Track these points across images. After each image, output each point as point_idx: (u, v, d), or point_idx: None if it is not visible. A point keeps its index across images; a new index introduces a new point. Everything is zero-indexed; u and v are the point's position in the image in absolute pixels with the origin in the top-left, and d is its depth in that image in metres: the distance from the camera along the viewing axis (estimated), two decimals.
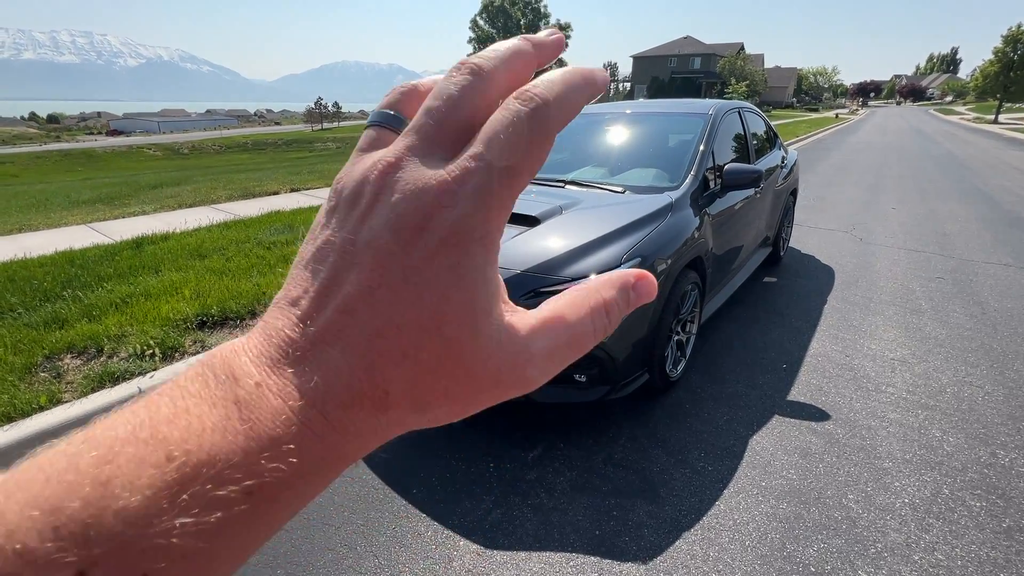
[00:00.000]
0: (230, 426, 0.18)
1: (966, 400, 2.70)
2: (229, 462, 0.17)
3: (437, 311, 0.20)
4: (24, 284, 3.68)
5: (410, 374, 0.20)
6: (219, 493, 0.17)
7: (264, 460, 0.18)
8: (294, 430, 0.18)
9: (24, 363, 2.74)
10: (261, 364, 0.19)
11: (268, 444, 0.18)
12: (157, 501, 0.16)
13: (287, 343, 0.20)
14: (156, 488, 0.16)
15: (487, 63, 0.22)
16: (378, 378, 0.19)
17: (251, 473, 0.17)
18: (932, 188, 9.22)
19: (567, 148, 3.93)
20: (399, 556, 1.80)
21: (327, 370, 0.19)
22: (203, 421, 0.18)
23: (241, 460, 0.17)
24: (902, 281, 4.47)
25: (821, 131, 25.29)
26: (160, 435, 0.17)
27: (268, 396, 0.19)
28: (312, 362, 0.19)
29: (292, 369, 0.19)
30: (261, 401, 0.18)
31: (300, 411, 0.18)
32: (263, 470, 0.17)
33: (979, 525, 1.91)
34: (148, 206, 6.83)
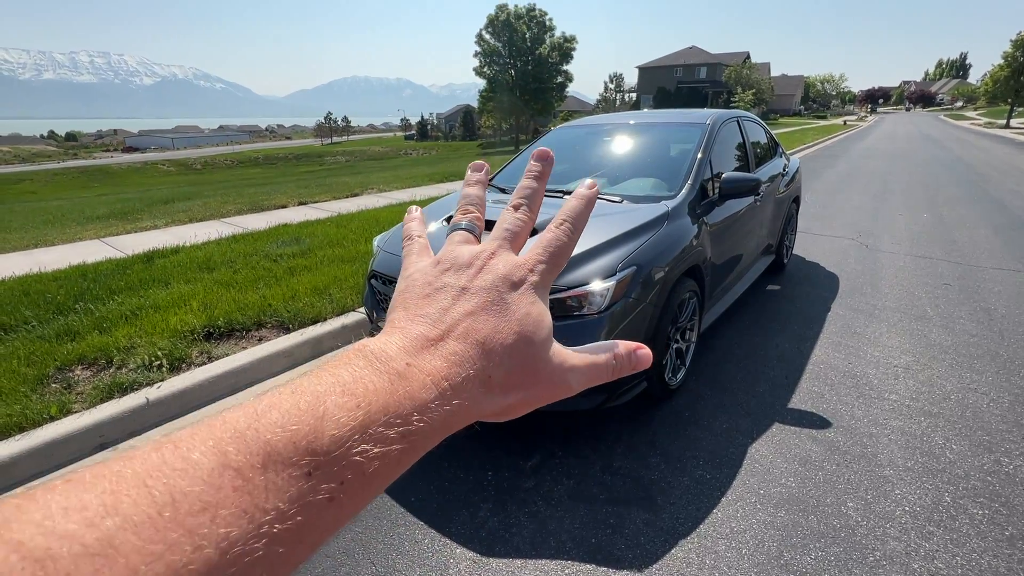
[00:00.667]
0: (394, 389, 0.26)
1: (970, 407, 2.67)
2: (396, 413, 0.25)
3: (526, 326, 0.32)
4: (38, 298, 3.78)
5: (507, 365, 0.30)
6: (388, 433, 0.24)
7: (416, 414, 0.26)
8: (433, 395, 0.27)
9: (36, 374, 2.81)
10: (408, 351, 0.28)
11: (418, 404, 0.26)
12: (352, 433, 0.23)
13: (423, 338, 0.29)
14: (352, 425, 0.24)
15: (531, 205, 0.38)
16: (487, 364, 0.29)
17: (406, 422, 0.25)
18: (941, 194, 9.14)
19: (569, 160, 3.97)
20: (396, 563, 1.82)
21: (453, 357, 0.29)
22: (376, 384, 0.26)
23: (401, 412, 0.25)
24: (908, 288, 4.43)
25: (829, 138, 25.20)
26: (349, 391, 0.25)
27: (416, 372, 0.27)
28: (443, 351, 0.29)
29: (430, 355, 0.29)
30: (412, 374, 0.27)
31: (437, 383, 0.27)
32: (413, 419, 0.26)
33: (981, 533, 1.88)
34: (160, 220, 6.98)
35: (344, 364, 0.27)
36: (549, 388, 0.32)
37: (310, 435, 0.22)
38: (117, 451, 2.39)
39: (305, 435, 0.22)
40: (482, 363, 0.29)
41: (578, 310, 2.26)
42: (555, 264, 0.35)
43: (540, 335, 0.32)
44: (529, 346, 0.31)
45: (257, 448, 0.21)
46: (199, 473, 0.20)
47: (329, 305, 3.68)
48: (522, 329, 0.31)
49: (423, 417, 0.26)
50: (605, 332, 2.24)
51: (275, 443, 0.22)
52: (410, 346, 0.29)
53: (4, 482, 2.24)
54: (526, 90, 35.52)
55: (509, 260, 0.34)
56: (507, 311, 0.31)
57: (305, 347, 3.32)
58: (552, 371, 0.32)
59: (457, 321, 0.30)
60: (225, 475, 0.20)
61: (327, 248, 5.05)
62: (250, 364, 3.05)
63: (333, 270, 4.35)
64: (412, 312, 0.31)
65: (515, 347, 0.31)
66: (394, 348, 0.28)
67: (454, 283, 0.33)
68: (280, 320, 3.48)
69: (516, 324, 0.31)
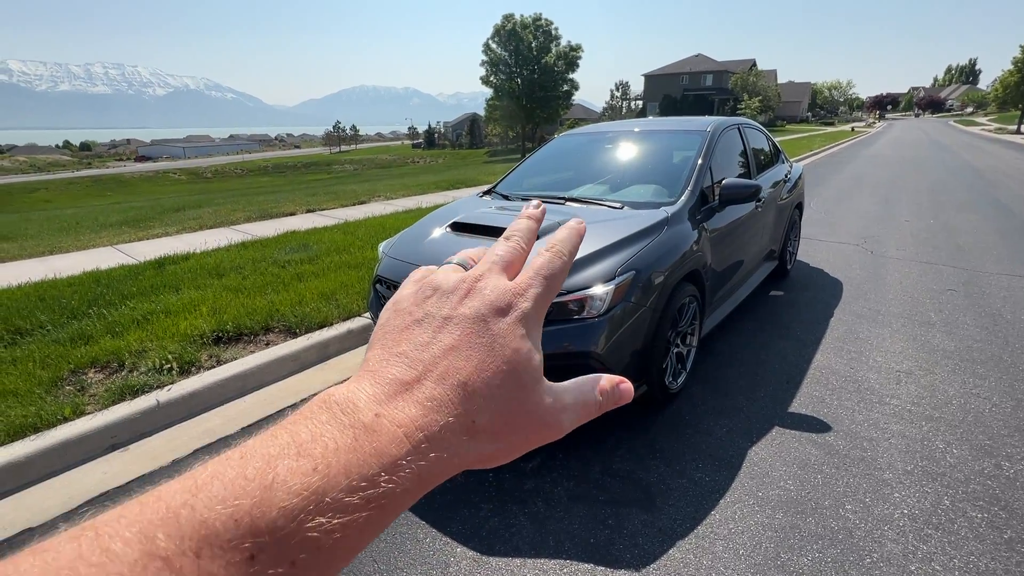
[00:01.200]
0: (358, 446, 0.23)
1: (972, 412, 2.67)
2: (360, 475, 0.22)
3: (514, 362, 0.28)
4: (53, 303, 3.87)
5: (492, 407, 0.27)
6: (350, 500, 0.21)
7: (385, 473, 0.23)
8: (405, 449, 0.24)
9: (51, 377, 2.89)
10: (377, 399, 0.25)
11: (387, 461, 0.23)
12: (305, 503, 0.20)
13: (397, 382, 0.26)
14: (306, 493, 0.21)
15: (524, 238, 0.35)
16: (470, 407, 0.26)
17: (372, 484, 0.22)
18: (948, 200, 9.10)
19: (572, 167, 4.03)
20: (397, 561, 1.85)
21: (430, 403, 0.26)
22: (337, 442, 0.23)
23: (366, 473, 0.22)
24: (912, 293, 4.43)
25: (836, 145, 25.13)
26: (306, 451, 0.22)
27: (386, 424, 0.24)
28: (419, 395, 0.26)
29: (403, 402, 0.25)
30: (381, 426, 0.24)
31: (410, 435, 0.24)
32: (380, 481, 0.23)
33: (979, 536, 1.89)
34: (171, 228, 7.11)
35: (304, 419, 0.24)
36: (540, 430, 0.29)
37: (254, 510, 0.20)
38: (128, 452, 2.43)
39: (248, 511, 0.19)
40: (464, 407, 0.26)
41: (578, 313, 2.30)
42: (549, 289, 0.32)
43: (530, 373, 0.29)
44: (518, 385, 0.28)
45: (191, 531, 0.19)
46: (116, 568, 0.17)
47: (335, 310, 3.75)
48: (511, 366, 0.28)
49: (392, 476, 0.23)
50: (604, 335, 2.28)
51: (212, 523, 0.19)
52: (381, 393, 0.26)
53: (18, 481, 2.31)
54: (532, 98, 35.77)
55: (499, 284, 0.31)
56: (494, 345, 0.28)
57: (312, 351, 3.38)
58: (544, 412, 0.29)
59: (436, 359, 0.27)
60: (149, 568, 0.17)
61: (334, 254, 5.13)
62: (258, 368, 3.11)
63: (340, 276, 4.42)
64: (388, 351, 0.28)
65: (503, 387, 0.28)
66: (363, 397, 0.25)
67: (436, 312, 0.30)
68: (287, 325, 3.55)
69: (503, 361, 0.28)
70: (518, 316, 0.30)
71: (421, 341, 0.28)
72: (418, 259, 2.72)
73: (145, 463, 2.42)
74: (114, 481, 2.30)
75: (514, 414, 0.28)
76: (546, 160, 4.18)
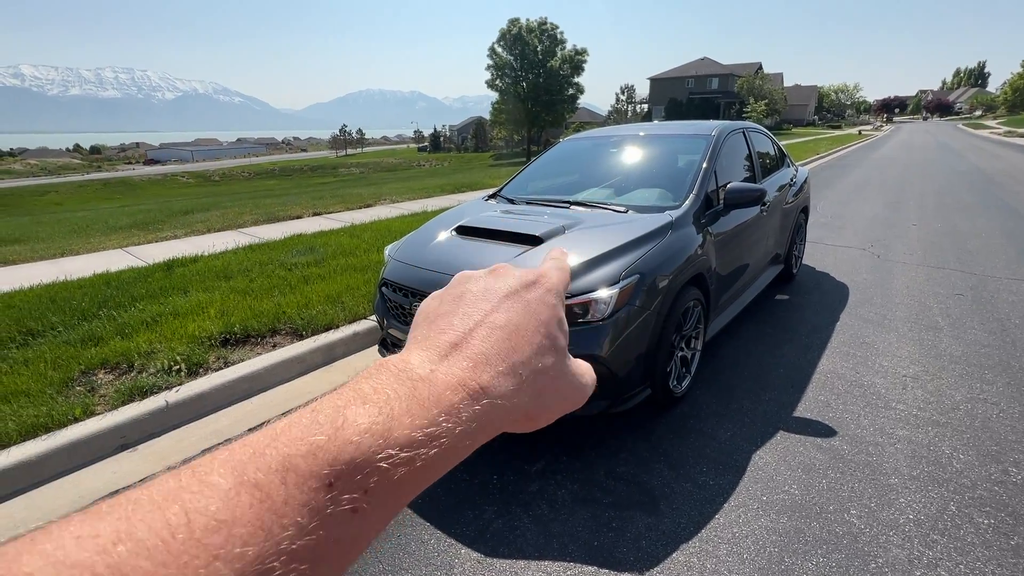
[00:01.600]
0: (417, 393, 0.25)
1: (979, 417, 2.66)
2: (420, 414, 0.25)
3: (548, 324, 0.32)
4: (64, 304, 3.93)
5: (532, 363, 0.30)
6: (415, 435, 0.24)
7: (444, 415, 0.25)
8: (460, 395, 0.26)
9: (62, 377, 2.93)
10: (430, 360, 0.28)
11: (445, 406, 0.25)
12: (375, 439, 0.23)
13: (446, 344, 0.29)
14: (375, 431, 0.23)
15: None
16: (515, 360, 0.29)
17: (433, 423, 0.25)
18: (956, 204, 9.04)
19: (577, 171, 4.05)
20: (402, 562, 1.87)
21: (479, 356, 0.28)
22: (397, 391, 0.25)
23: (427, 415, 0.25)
24: (919, 298, 4.40)
25: (843, 148, 25.01)
26: (370, 400, 0.25)
27: (440, 375, 0.27)
28: (468, 352, 0.29)
29: (453, 359, 0.28)
30: (436, 379, 0.27)
31: (464, 383, 0.27)
32: (441, 422, 0.25)
33: (986, 542, 1.88)
34: (179, 230, 7.18)
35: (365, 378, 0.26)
36: (572, 392, 0.33)
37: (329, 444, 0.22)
38: (137, 452, 2.46)
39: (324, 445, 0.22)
40: (510, 360, 0.29)
41: (582, 317, 2.31)
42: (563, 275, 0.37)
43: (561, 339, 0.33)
44: (553, 347, 0.32)
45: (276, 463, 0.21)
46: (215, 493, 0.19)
47: (342, 313, 3.77)
48: (547, 329, 0.32)
49: (451, 418, 0.25)
50: (609, 339, 2.29)
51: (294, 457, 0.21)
52: (433, 355, 0.28)
53: (29, 480, 2.34)
54: (537, 102, 35.88)
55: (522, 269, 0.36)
56: (528, 310, 0.32)
57: (318, 353, 3.40)
58: (573, 376, 0.33)
59: (478, 323, 0.30)
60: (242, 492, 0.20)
61: (340, 257, 5.16)
62: (265, 370, 3.14)
63: (346, 279, 4.45)
64: (431, 326, 0.31)
65: (541, 348, 0.31)
66: (416, 359, 0.28)
67: (473, 289, 0.33)
68: (294, 327, 3.58)
69: (539, 323, 0.32)
70: (547, 287, 0.34)
71: (463, 312, 0.31)
72: (424, 263, 2.74)
73: (154, 463, 2.45)
74: (123, 481, 2.33)
75: (551, 373, 0.31)
76: (551, 164, 4.20)
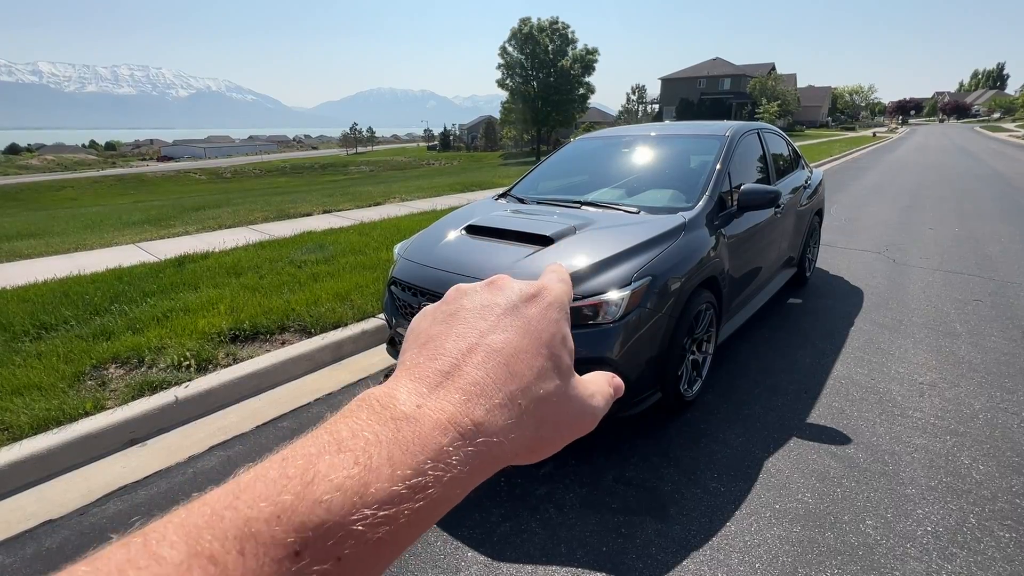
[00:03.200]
0: (401, 437, 0.22)
1: (999, 427, 2.59)
2: (403, 463, 0.21)
3: (552, 344, 0.29)
4: (77, 299, 3.96)
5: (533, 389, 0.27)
6: (396, 489, 0.21)
7: (431, 461, 0.22)
8: (451, 436, 0.23)
9: (73, 371, 2.95)
10: (418, 392, 0.25)
11: (432, 449, 0.22)
12: (350, 496, 0.20)
13: (436, 373, 0.26)
14: (349, 487, 0.20)
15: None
16: (514, 388, 0.26)
17: (418, 472, 0.21)
18: (974, 208, 8.87)
19: (588, 171, 4.01)
20: (409, 564, 1.85)
21: (474, 387, 0.25)
22: (378, 435, 0.22)
23: (411, 462, 0.21)
24: (936, 303, 4.32)
25: (857, 150, 24.69)
26: (346, 447, 0.21)
27: (429, 413, 0.23)
28: (461, 382, 0.25)
29: (445, 391, 0.25)
30: (423, 417, 0.23)
31: (455, 420, 0.23)
32: (427, 469, 0.22)
33: (1007, 557, 1.83)
34: (191, 227, 7.24)
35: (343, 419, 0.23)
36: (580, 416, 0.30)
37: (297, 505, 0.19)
38: (146, 447, 2.46)
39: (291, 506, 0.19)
40: (508, 389, 0.26)
41: (593, 319, 2.28)
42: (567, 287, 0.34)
43: (565, 358, 0.30)
44: (556, 368, 0.29)
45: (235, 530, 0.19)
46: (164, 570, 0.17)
47: (350, 311, 3.77)
48: (549, 349, 0.29)
49: (439, 464, 0.22)
50: (619, 341, 2.25)
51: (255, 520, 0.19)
52: (421, 386, 0.25)
53: (40, 473, 2.36)
54: (548, 102, 35.78)
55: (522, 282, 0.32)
56: (529, 328, 0.29)
57: (326, 351, 3.40)
58: (581, 397, 0.30)
59: (473, 346, 0.27)
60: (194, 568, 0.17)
61: (349, 255, 5.17)
62: (273, 367, 3.14)
63: (355, 277, 4.45)
64: (422, 348, 0.28)
65: (543, 370, 0.28)
66: (402, 392, 0.25)
67: (468, 305, 0.30)
68: (303, 324, 3.58)
69: (540, 343, 0.28)
70: (549, 301, 0.31)
71: (457, 332, 0.28)
72: (434, 262, 2.72)
73: (163, 458, 2.46)
74: (132, 475, 2.34)
75: (555, 398, 0.28)
76: (562, 163, 4.17)
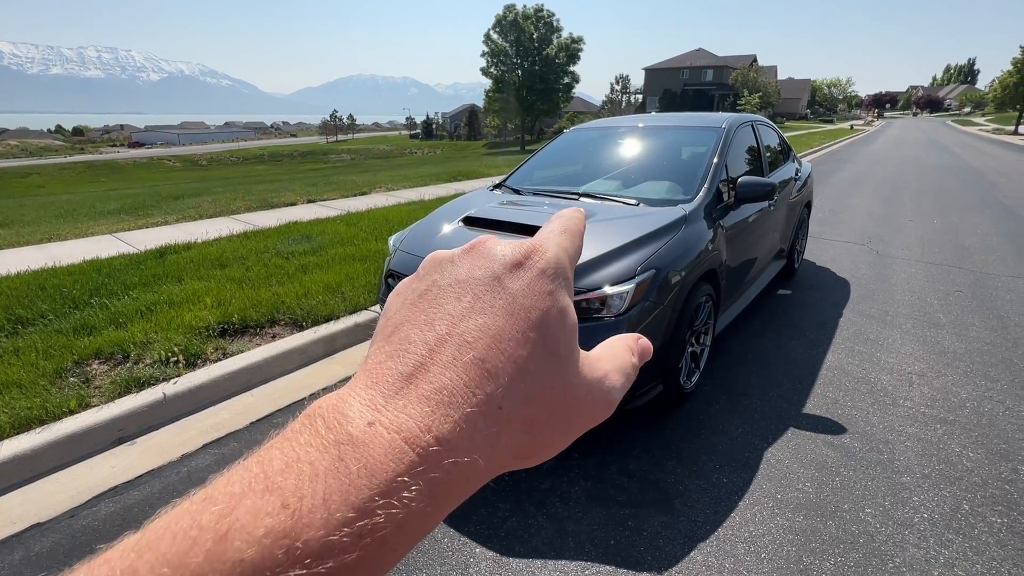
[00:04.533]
0: (343, 467, 0.17)
1: (986, 415, 2.67)
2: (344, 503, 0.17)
3: (543, 325, 0.22)
4: (54, 292, 3.80)
5: (521, 386, 0.21)
6: (331, 539, 0.16)
7: (380, 497, 0.17)
8: (408, 461, 0.18)
9: (54, 368, 2.83)
10: (373, 404, 0.20)
11: (383, 481, 0.17)
12: (273, 552, 0.16)
13: (397, 376, 0.20)
14: (272, 538, 0.16)
15: None
16: (491, 389, 0.20)
17: (364, 514, 0.17)
18: (951, 200, 9.11)
19: (583, 161, 3.98)
20: (416, 561, 1.83)
21: (440, 394, 0.20)
22: (315, 467, 0.17)
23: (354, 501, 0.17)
24: (919, 294, 4.42)
25: (836, 143, 25.13)
26: (275, 485, 0.17)
27: (381, 432, 0.18)
28: (423, 388, 0.20)
29: (404, 400, 0.20)
30: (375, 439, 0.18)
31: (414, 441, 0.18)
32: (376, 508, 0.17)
33: (1000, 542, 1.88)
34: (170, 216, 7.01)
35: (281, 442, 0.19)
36: (588, 408, 0.24)
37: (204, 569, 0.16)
38: (135, 446, 2.38)
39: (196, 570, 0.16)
40: (484, 392, 0.20)
41: (596, 313, 2.27)
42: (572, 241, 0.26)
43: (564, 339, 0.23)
44: (551, 355, 0.22)
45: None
46: None
47: (342, 303, 3.70)
48: (539, 332, 0.22)
49: (392, 500, 0.17)
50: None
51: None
52: (377, 395, 0.20)
53: (25, 474, 2.26)
54: (532, 90, 35.54)
55: (511, 243, 0.25)
56: (513, 306, 0.22)
57: (319, 345, 3.33)
58: (589, 385, 0.24)
59: (443, 338, 0.21)
60: None
61: (338, 246, 5.07)
62: (264, 361, 3.07)
63: (345, 268, 4.37)
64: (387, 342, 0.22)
65: (532, 359, 0.22)
66: (355, 404, 0.20)
67: (441, 280, 0.24)
68: (293, 317, 3.50)
69: (528, 325, 0.22)
70: (541, 268, 0.24)
71: (425, 319, 0.22)
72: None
73: (153, 457, 2.38)
74: (123, 476, 2.26)
75: (551, 392, 0.22)
76: (556, 154, 4.13)
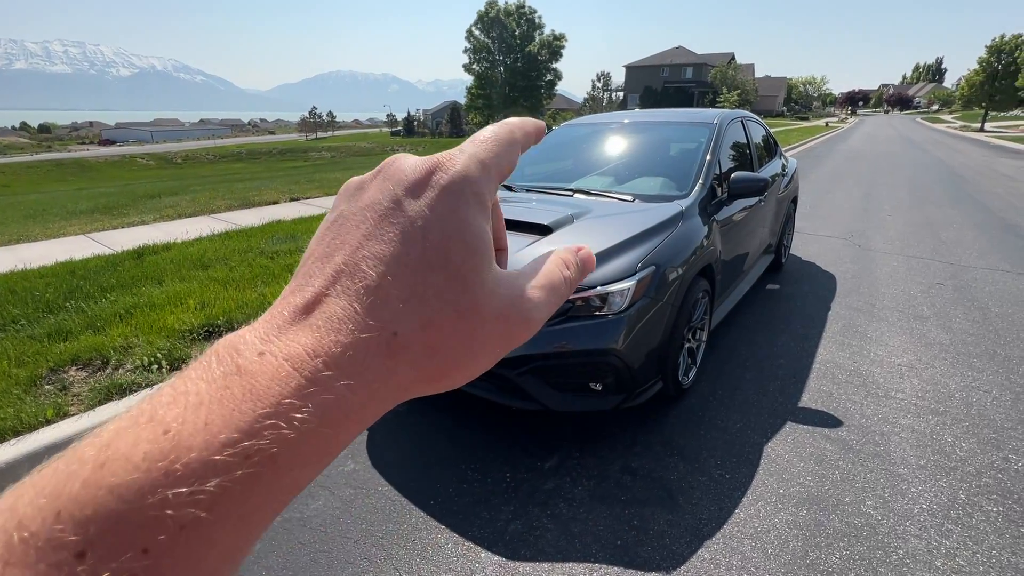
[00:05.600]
0: (227, 394, 0.18)
1: (975, 405, 2.72)
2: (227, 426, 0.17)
3: (443, 247, 0.21)
4: (25, 295, 3.64)
5: (418, 309, 0.21)
6: (216, 459, 0.16)
7: (268, 419, 0.17)
8: (294, 384, 0.18)
9: (29, 376, 2.70)
10: (266, 336, 0.20)
11: (268, 403, 0.18)
12: (151, 475, 0.16)
13: (293, 310, 0.20)
14: (150, 461, 0.16)
15: None
16: (385, 315, 0.20)
17: (250, 434, 0.17)
18: (926, 196, 9.34)
19: (574, 157, 3.96)
20: (420, 568, 1.78)
21: (330, 322, 0.20)
22: (200, 396, 0.18)
23: (238, 423, 0.17)
24: (903, 287, 4.51)
25: (812, 139, 25.62)
26: (158, 416, 0.17)
27: (270, 360, 0.19)
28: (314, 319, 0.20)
29: (295, 330, 0.20)
30: (263, 367, 0.18)
31: (300, 365, 0.18)
32: (263, 429, 0.17)
33: (998, 530, 1.91)
34: (147, 216, 6.79)
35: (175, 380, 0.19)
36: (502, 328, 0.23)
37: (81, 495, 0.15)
38: None
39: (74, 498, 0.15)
40: (376, 317, 0.20)
41: (598, 310, 2.24)
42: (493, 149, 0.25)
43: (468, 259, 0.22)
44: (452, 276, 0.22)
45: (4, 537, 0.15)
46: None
47: None
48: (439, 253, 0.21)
49: (279, 422, 0.17)
50: (625, 332, 2.22)
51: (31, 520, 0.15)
52: (272, 328, 0.20)
53: (1, 487, 2.15)
54: (515, 87, 35.47)
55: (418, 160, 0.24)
56: (411, 229, 0.21)
57: None
58: (500, 304, 0.23)
59: (339, 268, 0.21)
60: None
61: None
62: None
63: None
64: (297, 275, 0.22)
65: (429, 284, 0.21)
66: (250, 337, 0.20)
67: (348, 208, 0.23)
68: None
69: (425, 247, 0.21)
70: (443, 185, 0.23)
71: (325, 251, 0.22)
72: None
73: None
74: None
75: (454, 315, 0.21)
76: (548, 150, 4.09)
